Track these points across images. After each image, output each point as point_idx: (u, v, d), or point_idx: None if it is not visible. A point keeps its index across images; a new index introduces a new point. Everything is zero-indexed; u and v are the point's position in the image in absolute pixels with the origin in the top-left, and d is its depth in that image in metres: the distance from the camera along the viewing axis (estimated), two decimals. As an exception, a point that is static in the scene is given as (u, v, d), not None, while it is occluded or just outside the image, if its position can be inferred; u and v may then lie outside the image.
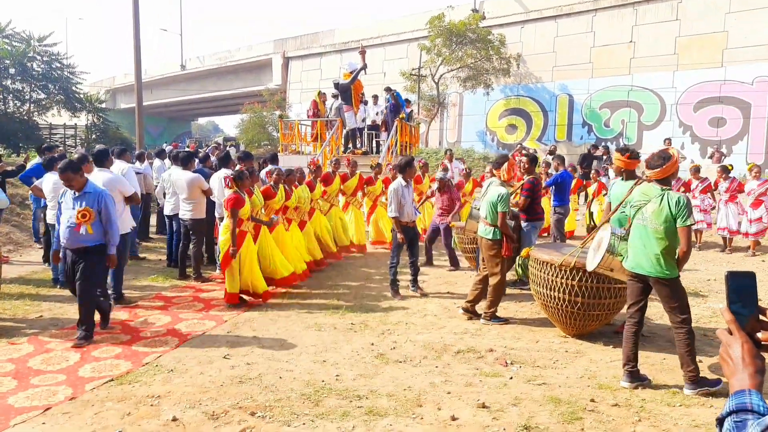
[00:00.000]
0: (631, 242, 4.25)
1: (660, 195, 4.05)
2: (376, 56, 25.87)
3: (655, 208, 4.03)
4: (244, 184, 6.33)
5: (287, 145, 14.75)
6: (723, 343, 1.21)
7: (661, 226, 4.00)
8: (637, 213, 4.17)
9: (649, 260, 4.07)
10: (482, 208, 5.85)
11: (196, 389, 4.06)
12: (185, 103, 42.46)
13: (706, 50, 18.55)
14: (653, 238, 4.04)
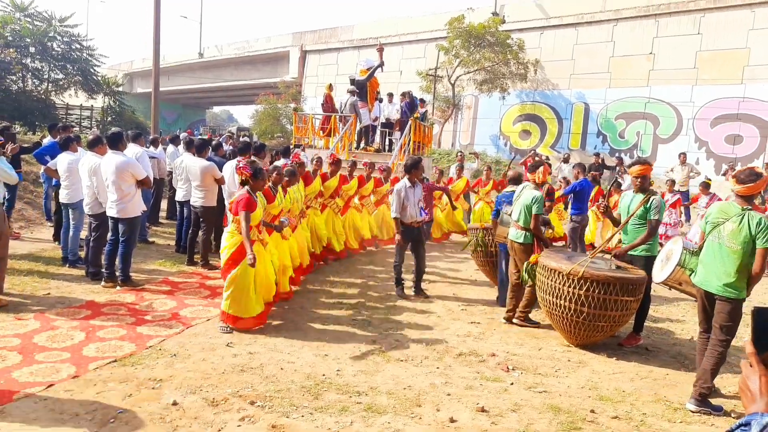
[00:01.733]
0: (703, 259, 4.22)
1: (741, 215, 4.00)
2: (394, 54, 25.83)
3: (734, 228, 3.99)
4: (260, 183, 5.32)
5: (300, 138, 14.77)
6: (743, 374, 1.27)
7: (738, 246, 3.96)
8: (714, 230, 4.13)
9: (719, 279, 4.04)
10: (515, 212, 5.86)
11: (198, 375, 4.08)
12: (201, 91, 42.64)
13: (726, 66, 18.36)
14: (728, 257, 4.00)
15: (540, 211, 5.64)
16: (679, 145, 18.86)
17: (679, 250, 4.51)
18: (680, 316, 6.57)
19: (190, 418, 3.45)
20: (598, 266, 5.06)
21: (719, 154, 18.63)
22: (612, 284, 4.76)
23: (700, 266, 4.24)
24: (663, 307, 6.87)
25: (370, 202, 9.55)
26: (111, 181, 6.15)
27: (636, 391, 4.31)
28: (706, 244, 4.23)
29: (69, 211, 7.01)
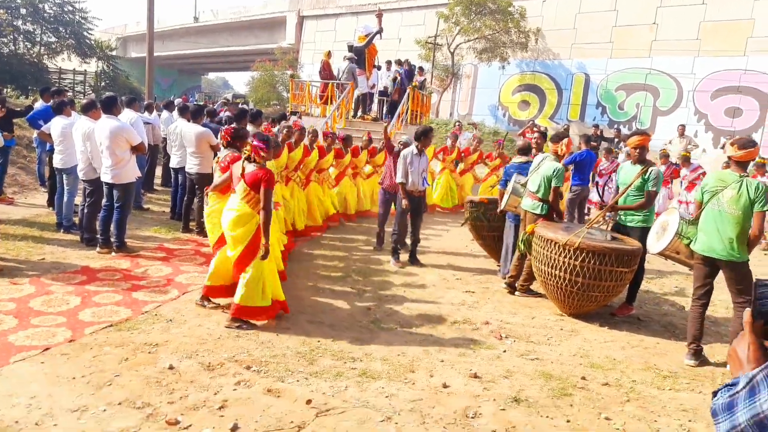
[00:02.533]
0: (703, 227, 4.34)
1: (738, 181, 4.17)
2: (393, 21, 25.37)
3: (734, 194, 4.15)
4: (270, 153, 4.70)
5: (297, 105, 14.61)
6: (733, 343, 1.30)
7: (738, 212, 4.13)
8: (712, 198, 4.27)
9: (722, 244, 4.18)
10: (532, 183, 5.79)
11: (194, 340, 4.11)
12: (196, 56, 41.95)
13: (730, 37, 18.11)
14: (729, 222, 4.16)
15: (560, 184, 5.62)
16: (679, 118, 18.76)
17: (676, 220, 4.55)
18: (672, 288, 6.63)
19: (186, 381, 3.49)
20: (594, 237, 5.07)
21: (718, 126, 18.56)
22: (607, 255, 4.78)
23: (701, 234, 4.34)
24: (656, 278, 6.93)
25: (329, 176, 9.02)
26: (105, 146, 6.08)
27: (626, 359, 4.37)
28: (705, 212, 4.32)
29: (63, 177, 6.95)
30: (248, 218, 4.43)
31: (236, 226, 4.43)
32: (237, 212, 4.44)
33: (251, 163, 4.47)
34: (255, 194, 4.39)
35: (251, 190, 4.40)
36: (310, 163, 8.10)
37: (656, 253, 4.75)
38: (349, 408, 3.31)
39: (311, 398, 3.36)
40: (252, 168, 4.44)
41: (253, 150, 4.46)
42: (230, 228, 4.46)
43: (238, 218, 4.43)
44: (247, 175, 4.41)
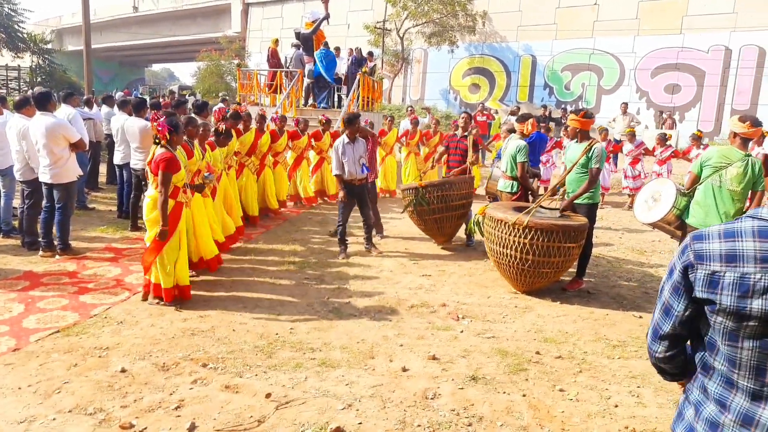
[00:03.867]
0: (701, 201, 4.51)
1: (744, 160, 4.35)
2: (341, 6, 25.10)
3: (739, 172, 4.33)
4: (179, 137, 4.75)
5: (245, 95, 14.29)
6: None
7: (739, 188, 4.34)
8: (714, 174, 4.41)
9: (719, 219, 4.36)
10: (503, 163, 6.03)
11: (147, 341, 4.01)
12: (138, 47, 40.42)
13: (666, 16, 18.79)
14: (729, 199, 4.37)
15: (524, 159, 5.82)
16: (622, 96, 19.39)
17: (671, 192, 4.68)
18: (619, 261, 6.88)
19: (140, 383, 3.41)
20: (542, 215, 5.21)
21: (659, 103, 19.29)
22: (555, 232, 4.92)
23: (698, 208, 4.53)
24: (604, 252, 7.18)
25: (285, 159, 9.01)
26: (42, 145, 5.80)
27: (578, 331, 4.53)
28: (704, 187, 4.49)
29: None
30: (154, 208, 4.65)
31: (150, 211, 4.69)
32: (150, 198, 4.70)
33: (159, 147, 4.62)
34: (155, 177, 4.57)
35: (155, 176, 4.55)
36: (263, 147, 8.03)
37: (648, 223, 4.88)
38: (309, 398, 3.31)
39: (270, 392, 3.34)
40: (157, 152, 4.58)
41: (157, 132, 4.59)
42: (146, 213, 4.74)
43: (152, 203, 4.66)
44: (152, 163, 4.57)
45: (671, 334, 1.53)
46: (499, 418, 3.17)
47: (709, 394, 1.47)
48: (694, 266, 1.43)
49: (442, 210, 6.69)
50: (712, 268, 1.39)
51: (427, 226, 7.00)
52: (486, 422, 3.13)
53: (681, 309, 1.48)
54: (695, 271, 1.43)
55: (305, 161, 9.49)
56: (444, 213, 6.72)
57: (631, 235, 8.19)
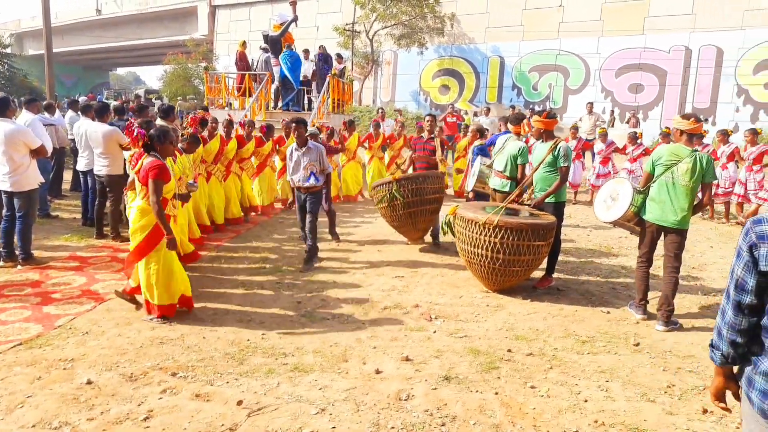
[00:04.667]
0: (656, 197, 4.69)
1: (692, 155, 4.56)
2: (309, 9, 25.01)
3: (688, 167, 4.53)
4: (167, 146, 4.54)
5: (213, 98, 14.11)
6: None
7: (691, 183, 4.54)
8: (666, 171, 4.62)
9: (675, 214, 4.59)
10: (498, 162, 6.07)
11: (114, 351, 3.92)
12: (102, 51, 39.54)
13: (629, 17, 19.26)
14: (682, 193, 4.57)
15: (525, 161, 5.92)
16: (588, 96, 19.79)
17: (629, 191, 4.83)
18: (587, 257, 7.01)
19: (107, 395, 3.32)
20: (511, 214, 5.27)
21: (623, 102, 19.76)
22: (524, 231, 4.99)
23: (654, 204, 4.70)
24: (572, 249, 7.31)
25: (251, 165, 8.85)
26: (1, 152, 5.62)
27: (548, 328, 4.60)
28: (658, 184, 4.67)
29: (-46, 188, 6.36)
30: (147, 212, 4.43)
31: (136, 221, 4.49)
32: (137, 208, 4.49)
33: (149, 156, 4.45)
34: (144, 187, 4.39)
35: (144, 186, 4.38)
36: (230, 153, 7.92)
37: (609, 221, 5.02)
38: (282, 404, 3.27)
39: (242, 399, 3.30)
40: (146, 161, 4.39)
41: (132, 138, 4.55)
42: (132, 223, 4.53)
43: (139, 213, 4.46)
44: (140, 171, 4.41)
45: (749, 304, 1.78)
46: (472, 417, 3.19)
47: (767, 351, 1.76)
48: (757, 245, 1.72)
49: (416, 203, 6.66)
50: None
51: (401, 221, 6.89)
52: (459, 421, 3.15)
53: (753, 283, 1.75)
54: (758, 249, 1.72)
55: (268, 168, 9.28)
56: (418, 207, 6.68)
57: (598, 233, 8.36)
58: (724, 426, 3.17)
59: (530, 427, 3.11)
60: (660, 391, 3.56)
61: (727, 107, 18.14)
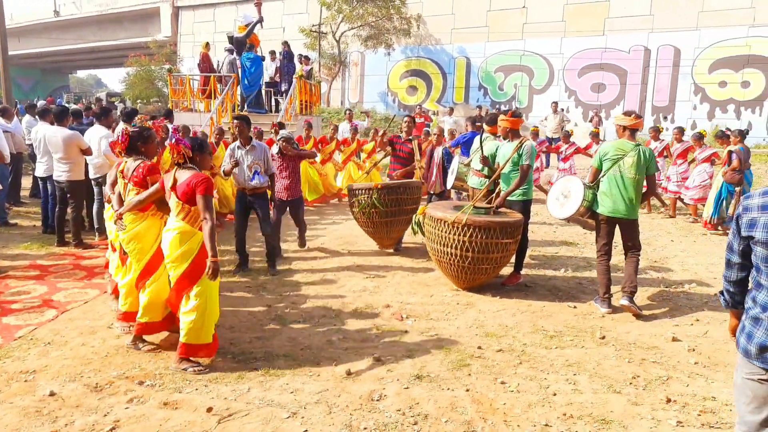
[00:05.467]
0: (607, 191, 4.91)
1: (635, 149, 4.85)
2: (275, 10, 24.81)
3: (634, 161, 4.81)
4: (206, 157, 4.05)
5: (178, 101, 13.86)
6: None
7: (637, 175, 4.82)
8: (614, 165, 4.87)
9: (625, 205, 4.85)
10: (476, 161, 6.08)
11: (77, 361, 3.81)
12: (61, 53, 38.35)
13: (590, 18, 19.71)
14: (630, 185, 4.83)
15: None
16: (552, 95, 20.16)
17: (580, 187, 5.01)
18: (554, 254, 7.15)
19: (71, 406, 3.23)
20: (480, 213, 5.34)
21: (586, 102, 20.20)
22: (492, 229, 5.05)
23: (605, 198, 4.90)
24: (539, 247, 7.44)
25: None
26: (-48, 159, 5.41)
27: (517, 324, 4.67)
28: (607, 178, 4.89)
29: None
30: (189, 236, 3.71)
31: (176, 247, 3.70)
32: (177, 231, 3.70)
33: (183, 169, 3.77)
34: (191, 207, 3.69)
35: (185, 204, 3.69)
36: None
37: (564, 218, 5.19)
38: (253, 409, 3.24)
39: (212, 405, 3.25)
40: (185, 175, 3.72)
41: (175, 150, 3.76)
42: (171, 249, 3.71)
43: (180, 237, 3.69)
44: (179, 187, 3.69)
45: (736, 263, 2.25)
46: (444, 415, 3.22)
47: (757, 302, 2.13)
48: (741, 215, 2.17)
49: (394, 213, 6.58)
50: (752, 215, 2.11)
51: (376, 228, 6.79)
52: (431, 419, 3.18)
53: (737, 245, 2.22)
54: (742, 218, 2.16)
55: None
56: (396, 216, 6.62)
57: (564, 229, 8.52)
58: (686, 414, 3.27)
59: (501, 423, 3.16)
60: (625, 383, 3.65)
61: (685, 105, 18.73)
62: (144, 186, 4.03)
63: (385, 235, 6.89)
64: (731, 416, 3.21)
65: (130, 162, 4.17)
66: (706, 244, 7.77)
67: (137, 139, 4.22)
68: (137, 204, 3.97)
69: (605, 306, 5.01)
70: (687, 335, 4.48)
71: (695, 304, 5.26)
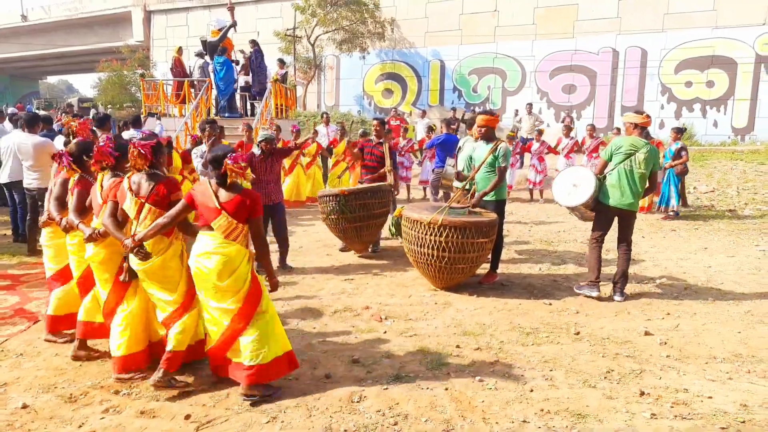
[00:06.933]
0: (616, 183, 5.15)
1: (646, 145, 5.13)
2: (248, 14, 24.68)
3: (646, 156, 5.08)
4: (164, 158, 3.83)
5: (151, 106, 13.68)
6: None
7: (646, 171, 5.11)
8: (626, 159, 5.12)
9: (632, 198, 5.12)
10: (460, 163, 6.21)
11: (51, 372, 3.74)
12: (30, 59, 37.55)
13: (559, 21, 20.07)
14: (640, 179, 5.11)
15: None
16: (525, 97, 20.44)
17: (591, 178, 5.21)
18: (529, 252, 7.26)
19: (45, 419, 3.17)
20: (455, 214, 5.39)
21: (557, 103, 20.54)
22: (468, 229, 5.12)
23: (615, 190, 5.13)
24: (514, 245, 7.54)
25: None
26: None
27: (494, 322, 4.73)
28: (617, 171, 5.12)
29: None
30: (240, 258, 3.40)
31: (226, 274, 3.35)
32: (224, 255, 3.35)
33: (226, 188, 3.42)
34: (240, 225, 3.40)
35: (236, 221, 3.39)
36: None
37: (570, 206, 5.35)
38: (232, 415, 3.22)
39: (190, 413, 3.22)
40: (230, 194, 3.41)
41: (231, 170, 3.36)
42: (219, 278, 3.35)
43: (229, 262, 3.35)
44: (227, 204, 3.38)
45: None
46: (424, 414, 3.25)
47: None
48: None
49: (363, 218, 6.54)
50: None
51: (346, 234, 6.75)
52: (411, 419, 3.20)
53: None
54: None
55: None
56: (365, 221, 6.59)
57: (538, 228, 8.66)
58: (660, 406, 3.36)
59: (480, 420, 3.20)
60: (600, 377, 3.73)
61: (652, 105, 19.17)
62: (165, 206, 3.50)
63: (356, 240, 6.82)
64: (703, 407, 3.31)
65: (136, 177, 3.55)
66: (676, 240, 7.97)
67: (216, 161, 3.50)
68: (162, 227, 3.44)
69: (595, 290, 5.28)
70: (659, 329, 4.59)
71: (666, 299, 5.40)
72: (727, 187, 11.90)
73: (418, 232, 5.29)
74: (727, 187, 11.90)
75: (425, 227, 5.21)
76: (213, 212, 3.38)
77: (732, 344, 4.26)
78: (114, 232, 3.50)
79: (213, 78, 12.26)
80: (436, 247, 5.18)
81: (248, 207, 3.40)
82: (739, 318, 4.85)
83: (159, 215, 3.46)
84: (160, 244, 3.50)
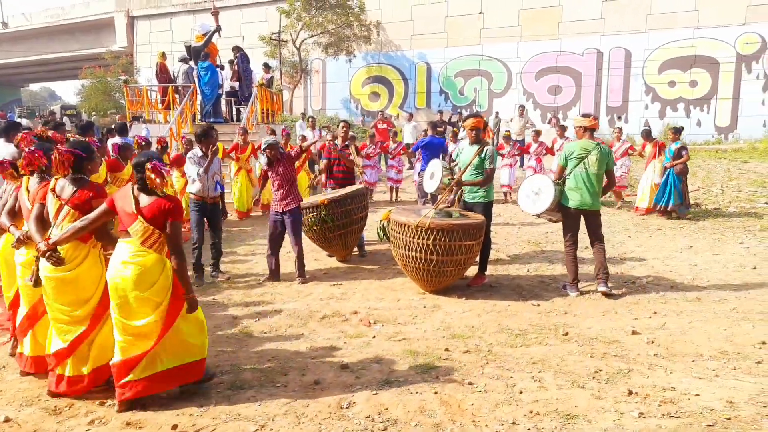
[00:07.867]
0: (575, 186, 5.34)
1: (597, 146, 5.33)
2: (234, 18, 24.59)
3: (598, 157, 5.28)
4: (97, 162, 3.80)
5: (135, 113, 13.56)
6: None
7: (600, 171, 5.31)
8: (579, 163, 5.30)
9: (592, 198, 5.33)
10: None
11: (35, 384, 3.68)
12: (11, 66, 37.14)
13: (544, 23, 20.23)
14: (595, 180, 5.30)
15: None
16: (511, 98, 20.57)
17: (549, 184, 5.36)
18: (517, 253, 7.28)
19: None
20: (442, 216, 5.40)
21: (543, 104, 20.69)
22: (455, 231, 5.12)
23: (574, 193, 5.30)
24: (502, 247, 7.56)
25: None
26: None
27: (483, 325, 4.73)
28: (574, 175, 5.29)
29: None
30: (159, 268, 3.29)
31: (144, 284, 3.24)
32: (140, 265, 3.24)
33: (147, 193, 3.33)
34: (157, 231, 3.29)
35: (153, 226, 3.28)
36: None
37: (536, 213, 5.54)
38: (220, 424, 3.19)
39: (177, 423, 3.18)
40: (150, 198, 3.32)
41: (152, 172, 3.27)
42: (137, 288, 3.23)
43: (145, 272, 3.24)
44: (145, 209, 3.28)
45: None
46: (413, 419, 3.23)
47: None
48: None
49: (346, 225, 6.50)
50: None
51: (332, 243, 6.68)
52: (401, 424, 3.18)
53: None
54: None
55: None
56: (349, 227, 6.56)
57: (526, 229, 8.70)
58: (648, 405, 3.37)
59: (469, 423, 3.19)
60: (588, 377, 3.74)
61: (637, 105, 19.38)
62: (86, 211, 3.39)
63: (341, 247, 6.77)
64: (690, 405, 3.32)
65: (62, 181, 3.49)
66: (662, 239, 8.04)
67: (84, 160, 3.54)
68: (79, 231, 3.32)
69: (574, 290, 5.42)
70: (646, 328, 4.62)
71: (652, 298, 5.44)
72: (712, 185, 12.04)
73: (406, 236, 5.28)
74: (712, 185, 12.04)
75: (413, 230, 5.21)
76: (130, 217, 3.28)
77: (718, 342, 4.30)
78: (34, 234, 3.38)
79: (197, 83, 12.17)
80: (423, 250, 5.18)
81: (165, 212, 3.28)
82: (725, 315, 4.89)
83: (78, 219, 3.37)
84: (76, 251, 3.39)
